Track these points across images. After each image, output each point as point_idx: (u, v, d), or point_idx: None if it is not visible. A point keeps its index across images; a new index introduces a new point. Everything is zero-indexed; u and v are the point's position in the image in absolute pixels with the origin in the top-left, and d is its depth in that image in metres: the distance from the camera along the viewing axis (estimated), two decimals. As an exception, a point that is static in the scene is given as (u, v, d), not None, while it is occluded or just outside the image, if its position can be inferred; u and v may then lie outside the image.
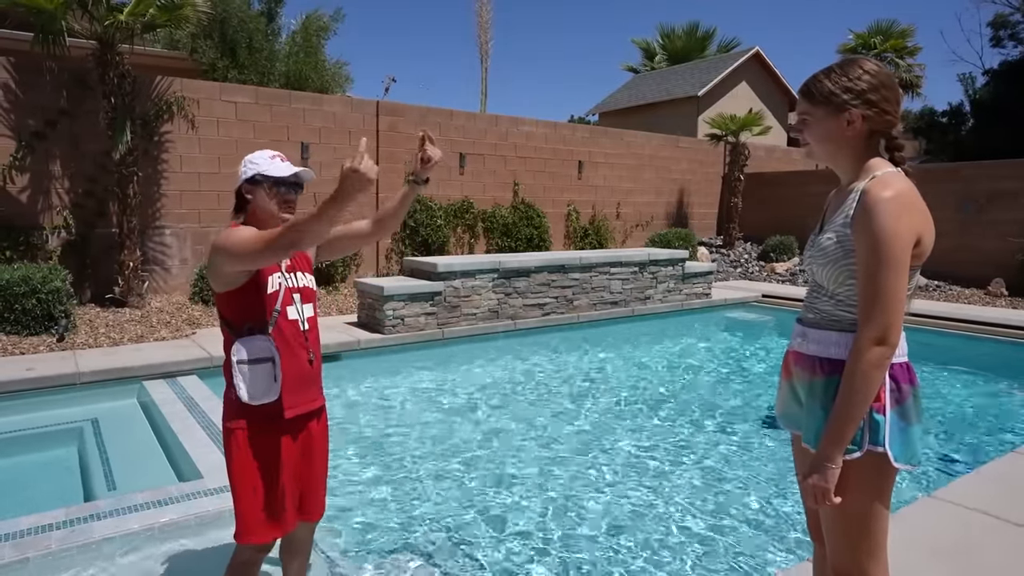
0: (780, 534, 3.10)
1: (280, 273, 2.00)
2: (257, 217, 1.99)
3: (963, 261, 10.64)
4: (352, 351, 6.34)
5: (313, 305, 2.11)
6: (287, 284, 2.01)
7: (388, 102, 10.03)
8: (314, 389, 2.08)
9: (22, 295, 5.90)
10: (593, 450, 4.17)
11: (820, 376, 1.59)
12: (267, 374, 1.89)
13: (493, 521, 3.21)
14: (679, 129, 17.47)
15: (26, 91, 7.13)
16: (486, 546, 2.97)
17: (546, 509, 3.34)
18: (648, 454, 4.12)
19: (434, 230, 10.04)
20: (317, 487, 2.15)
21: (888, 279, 1.44)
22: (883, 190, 1.48)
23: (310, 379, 2.05)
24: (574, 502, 3.42)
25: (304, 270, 2.12)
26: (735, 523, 3.21)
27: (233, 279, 1.91)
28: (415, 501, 3.41)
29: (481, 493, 3.52)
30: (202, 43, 11.54)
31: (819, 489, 1.51)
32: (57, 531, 2.69)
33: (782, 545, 3.00)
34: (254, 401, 1.88)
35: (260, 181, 1.96)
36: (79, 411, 4.59)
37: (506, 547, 2.96)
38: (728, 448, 4.23)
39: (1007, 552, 2.57)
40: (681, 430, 4.58)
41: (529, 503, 3.40)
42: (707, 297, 9.48)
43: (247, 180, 1.98)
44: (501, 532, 3.10)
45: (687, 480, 3.73)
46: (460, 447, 4.20)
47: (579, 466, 3.91)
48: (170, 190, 8.02)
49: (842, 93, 1.56)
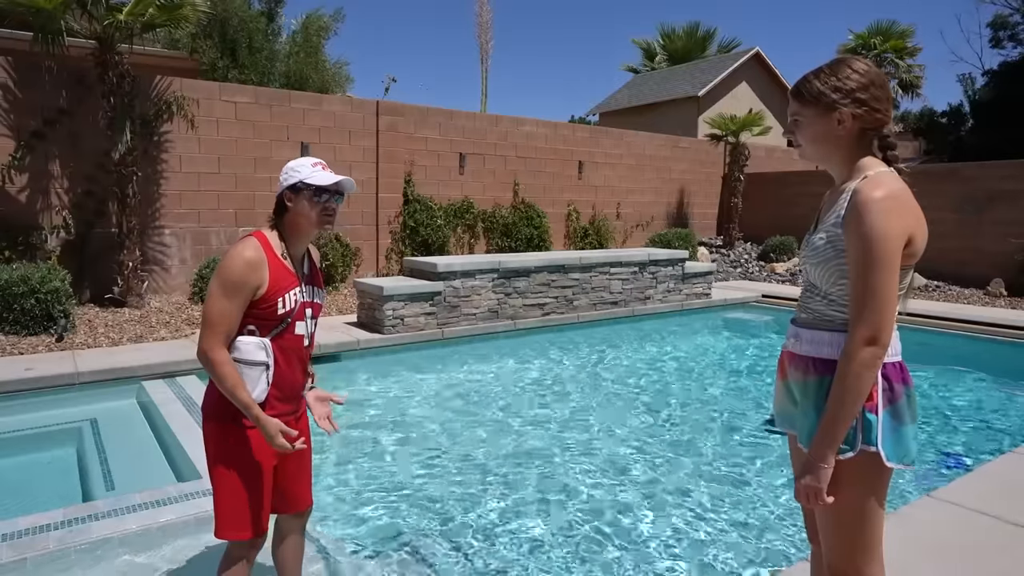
0: (776, 534, 3.10)
1: (299, 288, 1.99)
2: (296, 223, 1.98)
3: (963, 261, 10.63)
4: (351, 351, 6.34)
5: (316, 322, 2.12)
6: (303, 299, 2.00)
7: (388, 102, 10.03)
8: (300, 402, 2.12)
9: (21, 295, 5.90)
10: (592, 450, 4.17)
11: (813, 376, 1.59)
12: (260, 376, 1.91)
13: (491, 520, 3.20)
14: (679, 129, 17.47)
15: (25, 91, 7.13)
16: (484, 546, 2.97)
17: (544, 507, 3.34)
18: (647, 454, 4.12)
19: (434, 230, 10.04)
20: (302, 479, 2.17)
21: (879, 279, 1.44)
22: (874, 190, 1.47)
23: (299, 393, 2.10)
24: (573, 502, 3.42)
25: (318, 286, 2.12)
26: (732, 522, 3.21)
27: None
28: (413, 501, 3.41)
29: (481, 492, 3.52)
30: (202, 43, 11.55)
31: (811, 489, 1.51)
32: (55, 531, 2.69)
33: (778, 545, 3.00)
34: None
35: (302, 189, 1.94)
36: (78, 411, 4.59)
37: (504, 546, 2.96)
38: (727, 448, 4.23)
39: (1006, 552, 2.56)
40: (680, 429, 4.58)
41: (528, 502, 3.40)
42: (707, 297, 9.48)
43: (289, 187, 1.96)
44: (499, 532, 3.10)
45: (686, 480, 3.73)
46: (460, 447, 4.20)
47: (578, 465, 3.91)
48: (170, 190, 8.02)
49: (831, 93, 1.56)
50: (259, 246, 1.91)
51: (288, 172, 1.97)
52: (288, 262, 1.98)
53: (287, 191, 1.96)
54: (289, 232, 1.99)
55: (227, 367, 1.84)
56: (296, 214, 1.96)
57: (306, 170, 1.95)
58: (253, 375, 1.89)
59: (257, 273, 1.86)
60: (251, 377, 1.89)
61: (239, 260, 1.85)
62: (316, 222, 1.97)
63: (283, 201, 1.98)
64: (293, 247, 2.01)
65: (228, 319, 1.85)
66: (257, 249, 1.89)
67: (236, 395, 1.85)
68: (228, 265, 1.85)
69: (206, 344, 1.84)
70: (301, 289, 1.99)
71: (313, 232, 2.02)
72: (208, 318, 1.85)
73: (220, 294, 1.84)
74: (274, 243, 1.96)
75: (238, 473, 1.94)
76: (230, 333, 1.87)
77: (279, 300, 1.92)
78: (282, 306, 1.93)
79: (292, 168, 1.97)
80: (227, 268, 1.85)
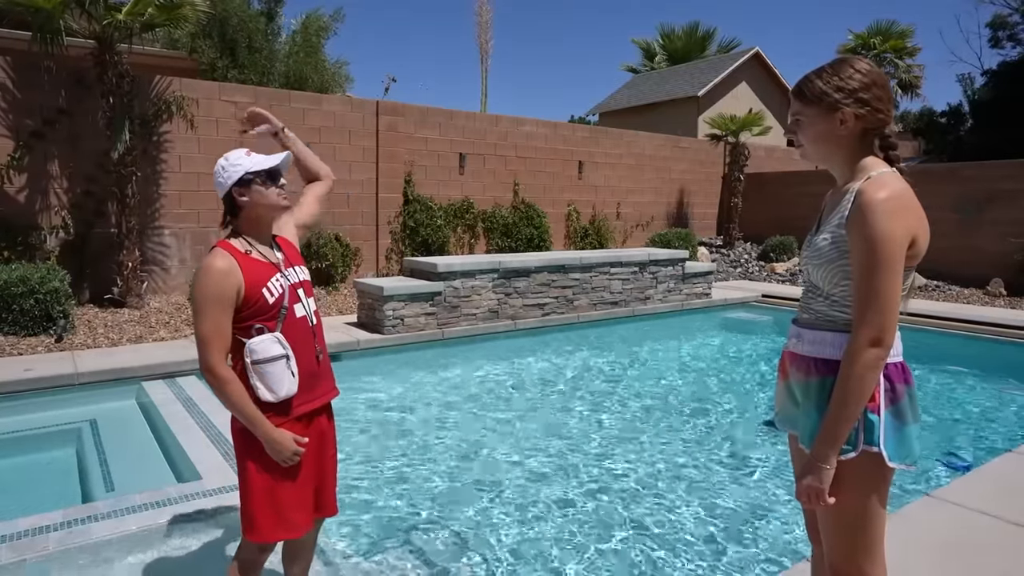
0: (777, 535, 3.10)
1: (280, 274, 1.97)
2: (255, 215, 1.96)
3: (962, 261, 10.63)
4: (352, 351, 6.33)
5: (313, 298, 2.10)
6: (289, 281, 1.98)
7: (388, 102, 10.02)
8: (325, 383, 2.08)
9: (20, 295, 5.89)
10: (589, 450, 4.16)
11: (815, 377, 1.59)
12: (284, 369, 1.88)
13: (491, 520, 3.20)
14: (679, 129, 17.47)
15: (24, 91, 7.12)
16: (484, 546, 2.96)
17: (546, 508, 3.33)
18: (644, 453, 4.11)
19: (434, 230, 10.03)
20: (330, 483, 2.13)
21: (883, 280, 1.44)
22: (878, 191, 1.47)
23: (320, 375, 2.05)
24: (570, 500, 3.42)
25: (299, 264, 2.10)
26: (731, 523, 3.21)
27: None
28: (415, 501, 3.40)
29: (481, 493, 3.52)
30: (202, 43, 11.54)
31: (813, 490, 1.51)
32: (55, 533, 2.68)
33: (778, 547, 2.99)
34: (277, 398, 1.87)
35: (251, 180, 1.93)
36: (77, 412, 4.58)
37: (502, 546, 2.96)
38: (726, 447, 4.23)
39: (1007, 552, 2.56)
40: (678, 429, 4.57)
41: (527, 503, 3.40)
42: (707, 297, 9.47)
43: (236, 184, 1.93)
44: (501, 532, 3.09)
45: (683, 480, 3.72)
46: (460, 447, 4.19)
47: (576, 465, 3.90)
48: (169, 190, 8.02)
49: (833, 92, 1.56)
50: (224, 253, 1.89)
51: (227, 169, 1.93)
52: (257, 254, 1.96)
53: (235, 188, 1.93)
54: (249, 227, 1.97)
55: (232, 385, 1.84)
56: (255, 205, 1.95)
57: (246, 160, 1.94)
58: (276, 371, 1.87)
59: (232, 278, 1.85)
60: (274, 375, 1.86)
61: (211, 272, 1.84)
62: (279, 205, 1.98)
63: (233, 200, 1.95)
64: (257, 240, 1.99)
65: (220, 333, 1.84)
66: (224, 256, 1.88)
67: (244, 411, 1.84)
68: (203, 281, 1.85)
69: (209, 363, 1.83)
70: (282, 273, 1.98)
71: (276, 217, 2.02)
72: (201, 336, 1.83)
73: (206, 310, 1.83)
74: (236, 244, 1.94)
75: (276, 477, 1.90)
76: (226, 346, 1.86)
77: (263, 291, 1.90)
78: (269, 295, 1.91)
79: (230, 164, 1.94)
80: (203, 283, 1.84)
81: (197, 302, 1.85)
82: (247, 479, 1.93)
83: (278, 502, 1.92)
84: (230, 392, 1.83)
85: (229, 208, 1.98)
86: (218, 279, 1.83)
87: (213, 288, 1.83)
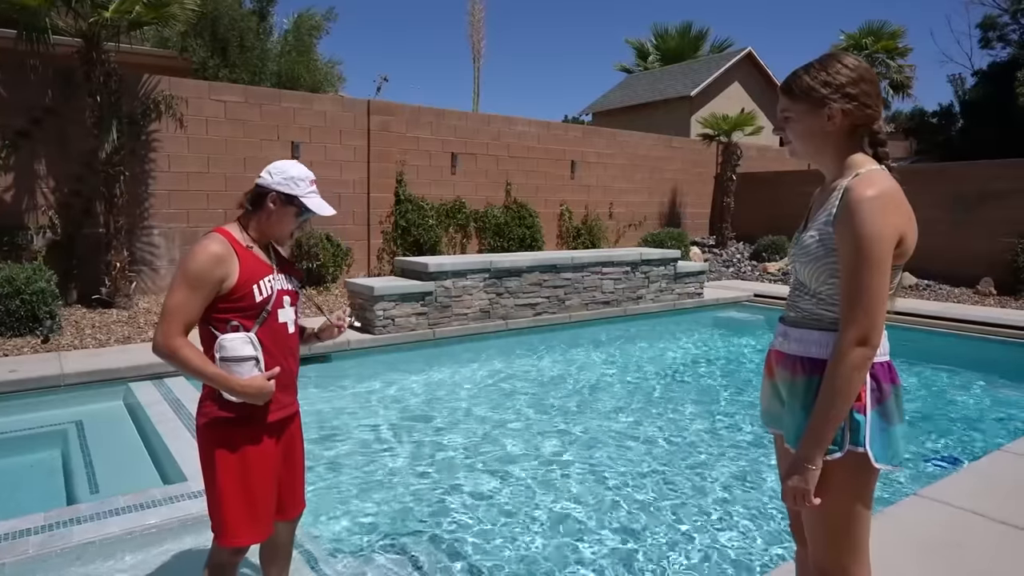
0: (763, 535, 3.09)
1: (272, 276, 1.96)
2: (268, 225, 1.98)
3: (953, 260, 10.68)
4: (342, 351, 6.29)
5: (296, 309, 2.09)
6: (279, 287, 1.97)
7: (379, 101, 9.98)
8: (291, 393, 2.07)
9: (6, 296, 5.83)
10: (586, 449, 4.15)
11: (801, 376, 1.57)
12: (251, 371, 1.87)
13: (485, 520, 3.18)
14: (672, 129, 17.48)
15: (10, 89, 7.05)
16: (476, 547, 2.94)
17: (534, 510, 3.31)
18: (641, 452, 4.10)
19: (426, 230, 10.00)
20: (296, 485, 2.13)
21: (870, 279, 1.42)
22: (866, 188, 1.45)
23: (291, 384, 2.05)
24: (568, 500, 3.40)
25: (291, 273, 2.09)
26: (721, 523, 3.20)
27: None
28: (403, 503, 3.38)
29: (470, 495, 3.49)
30: (192, 42, 11.47)
31: (798, 491, 1.49)
32: (35, 536, 2.64)
33: (765, 546, 2.99)
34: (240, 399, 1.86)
35: (291, 204, 1.95)
36: (63, 413, 4.53)
37: (495, 549, 2.94)
38: (714, 447, 4.22)
39: (994, 550, 2.56)
40: (672, 429, 4.56)
41: (521, 503, 3.38)
42: (699, 297, 9.48)
43: (281, 194, 1.94)
44: (492, 533, 3.07)
45: (680, 479, 3.71)
46: (452, 448, 4.17)
47: (572, 463, 3.88)
48: (158, 190, 7.95)
49: (821, 88, 1.54)
50: (225, 241, 1.88)
51: (287, 181, 1.94)
52: (257, 251, 1.96)
53: (277, 195, 1.94)
54: (256, 227, 1.97)
55: (186, 349, 1.81)
56: (275, 220, 1.97)
57: (304, 186, 1.95)
58: (243, 372, 1.85)
59: (223, 267, 1.84)
60: (241, 374, 1.85)
61: (205, 253, 1.83)
62: (287, 236, 2.03)
63: (265, 198, 1.95)
64: (257, 241, 1.99)
65: (187, 310, 1.82)
66: (223, 244, 1.87)
67: (205, 372, 1.82)
68: (193, 257, 1.83)
69: (162, 334, 1.80)
70: (275, 276, 1.97)
71: (276, 239, 2.04)
72: (167, 308, 1.81)
73: (183, 285, 1.81)
74: (238, 236, 1.94)
75: (245, 478, 1.89)
76: (188, 325, 1.83)
77: (254, 288, 1.89)
78: (259, 293, 1.90)
79: (291, 178, 1.94)
80: (192, 260, 1.82)
81: (179, 275, 1.84)
82: (215, 482, 1.91)
83: (247, 503, 1.91)
84: (185, 357, 1.80)
85: (255, 200, 1.97)
86: (208, 263, 1.82)
87: (201, 267, 1.82)
